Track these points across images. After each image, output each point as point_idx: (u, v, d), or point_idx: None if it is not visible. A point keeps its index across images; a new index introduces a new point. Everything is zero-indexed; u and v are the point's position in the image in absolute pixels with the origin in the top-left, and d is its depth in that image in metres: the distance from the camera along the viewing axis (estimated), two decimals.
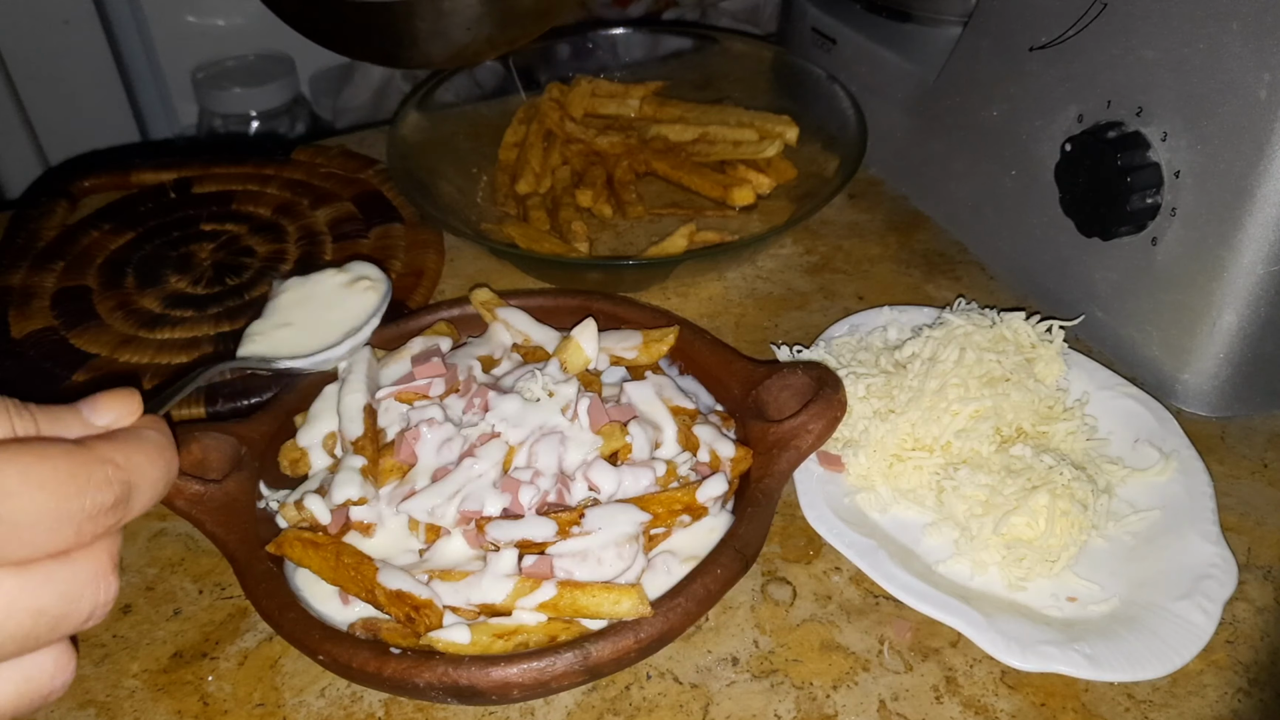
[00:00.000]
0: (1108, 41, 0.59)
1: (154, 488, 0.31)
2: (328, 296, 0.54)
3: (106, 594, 0.29)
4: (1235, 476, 0.57)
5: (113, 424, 0.32)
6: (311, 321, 0.52)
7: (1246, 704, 0.46)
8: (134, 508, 0.30)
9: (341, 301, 0.53)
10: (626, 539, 0.46)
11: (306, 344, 0.51)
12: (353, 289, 0.54)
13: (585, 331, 0.55)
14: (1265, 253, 0.54)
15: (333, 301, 0.53)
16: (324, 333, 0.52)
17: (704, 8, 1.28)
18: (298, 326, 0.52)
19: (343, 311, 0.53)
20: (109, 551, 0.29)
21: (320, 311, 0.53)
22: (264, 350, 0.51)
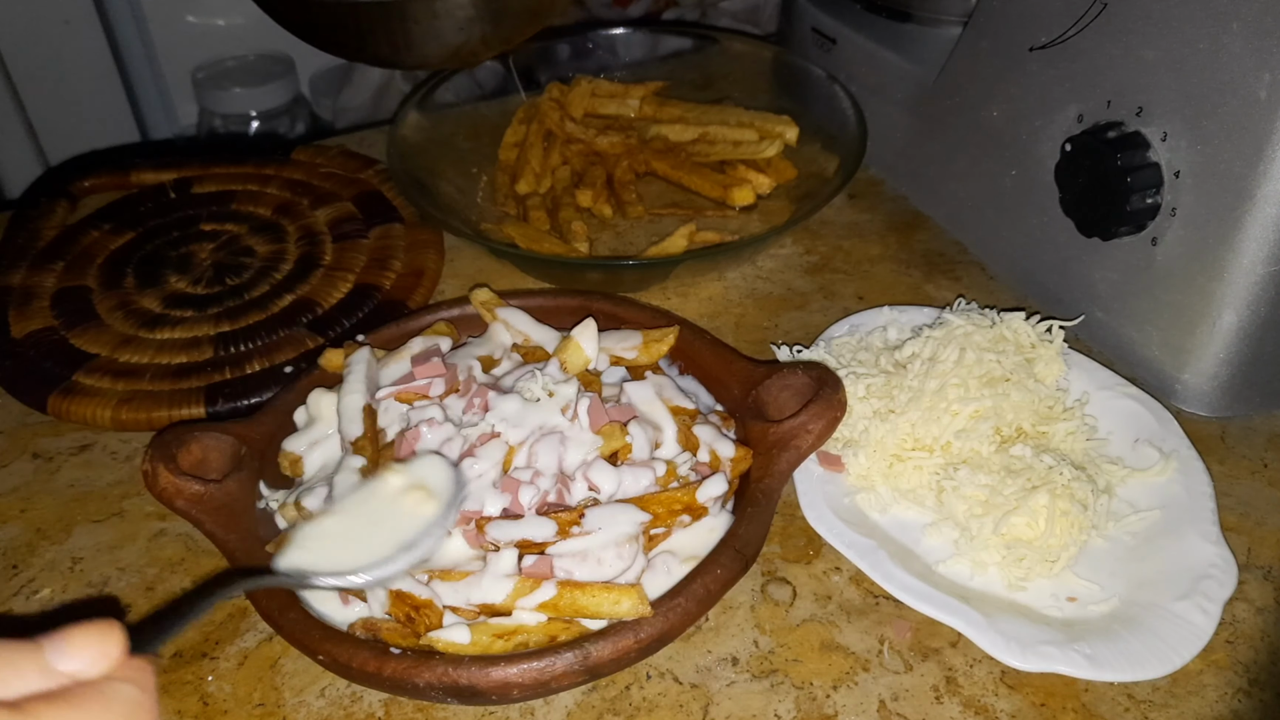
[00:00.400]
0: (1108, 41, 0.59)
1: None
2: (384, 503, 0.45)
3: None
4: (1235, 476, 0.57)
5: (79, 673, 0.25)
6: (361, 532, 0.44)
7: (1246, 704, 0.46)
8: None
9: (396, 510, 0.45)
10: (626, 539, 0.46)
11: (351, 559, 0.42)
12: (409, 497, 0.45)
13: (585, 331, 0.55)
14: (1265, 253, 0.54)
15: (387, 511, 0.45)
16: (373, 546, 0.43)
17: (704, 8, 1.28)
18: (345, 537, 0.44)
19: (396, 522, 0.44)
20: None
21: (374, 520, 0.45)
22: (304, 563, 0.43)
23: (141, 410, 0.61)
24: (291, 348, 0.66)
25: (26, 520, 0.56)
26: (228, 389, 0.62)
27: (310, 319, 0.69)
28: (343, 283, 0.71)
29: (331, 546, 0.43)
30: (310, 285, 0.71)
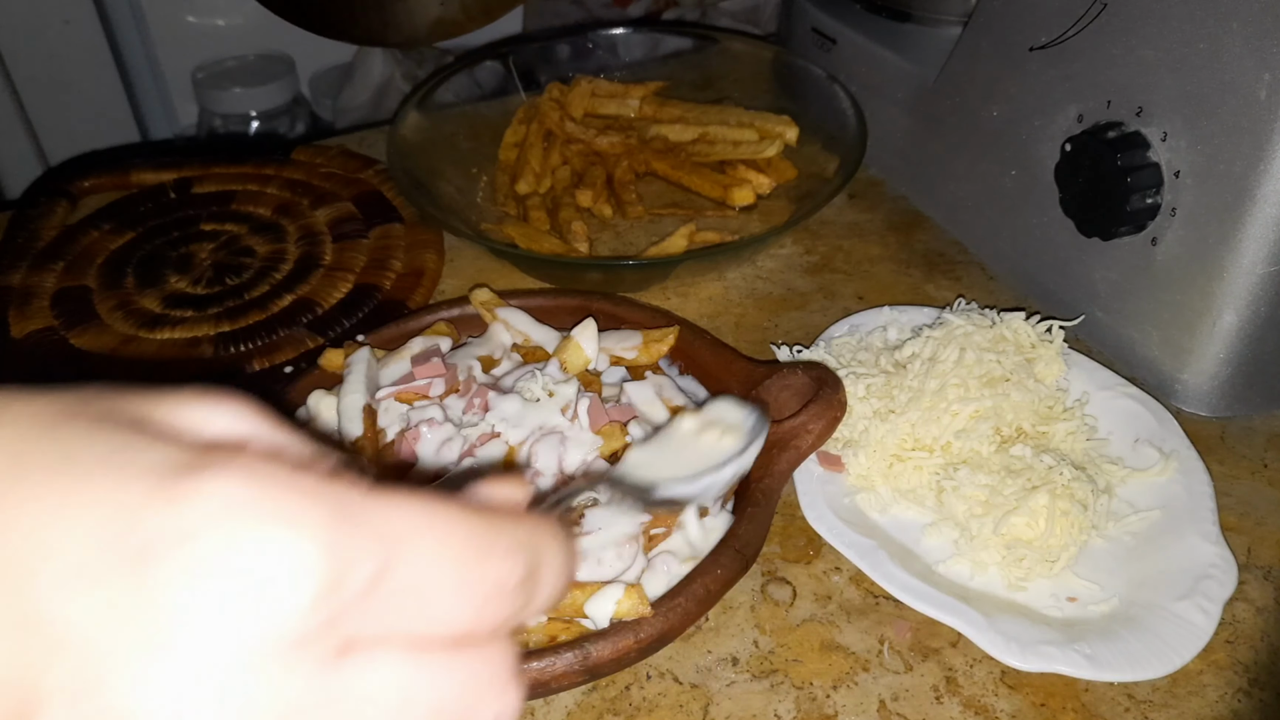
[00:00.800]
0: (1108, 41, 0.59)
1: (556, 578, 0.23)
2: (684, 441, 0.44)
3: (507, 706, 0.22)
4: (1235, 476, 0.57)
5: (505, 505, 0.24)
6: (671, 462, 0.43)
7: (1246, 704, 0.46)
8: (536, 597, 0.22)
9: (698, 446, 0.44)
10: (626, 539, 0.46)
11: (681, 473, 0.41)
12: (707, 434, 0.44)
13: (585, 331, 0.55)
14: (1265, 253, 0.54)
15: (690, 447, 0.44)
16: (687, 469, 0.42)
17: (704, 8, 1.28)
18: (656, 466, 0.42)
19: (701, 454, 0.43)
20: (510, 653, 0.22)
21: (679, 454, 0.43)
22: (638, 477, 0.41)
23: None
24: (291, 348, 0.66)
25: None
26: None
27: (310, 319, 0.69)
28: (343, 283, 0.72)
29: (648, 472, 0.41)
30: (310, 285, 0.71)
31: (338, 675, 0.19)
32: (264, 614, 0.18)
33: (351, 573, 0.18)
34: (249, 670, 0.18)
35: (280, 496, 0.18)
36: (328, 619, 0.18)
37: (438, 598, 0.20)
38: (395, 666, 0.19)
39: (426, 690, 0.20)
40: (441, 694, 0.20)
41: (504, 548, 0.21)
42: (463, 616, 0.21)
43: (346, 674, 0.19)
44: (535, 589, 0.22)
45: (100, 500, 0.18)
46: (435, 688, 0.20)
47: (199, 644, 0.17)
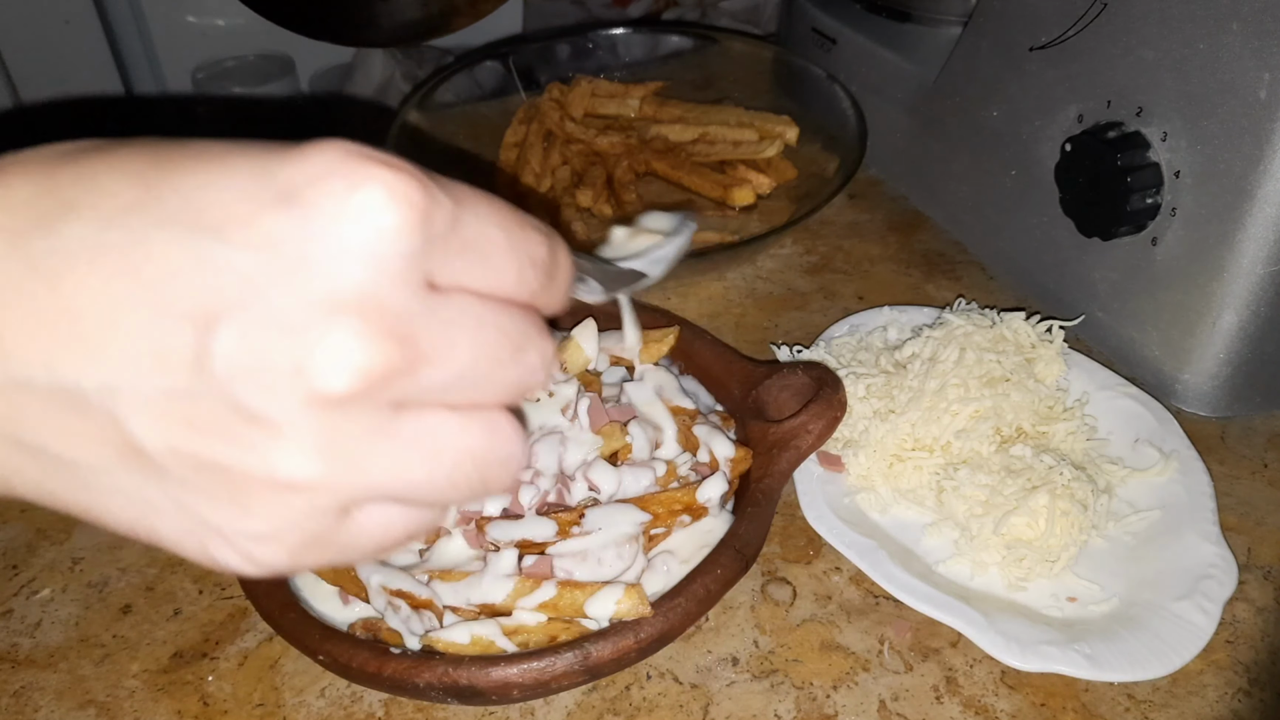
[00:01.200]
0: (1108, 41, 0.59)
1: (568, 277, 0.28)
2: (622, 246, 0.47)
3: (549, 350, 0.27)
4: (1235, 476, 0.57)
5: None
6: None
7: (1246, 704, 0.46)
8: (556, 281, 0.27)
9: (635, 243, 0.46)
10: (626, 539, 0.46)
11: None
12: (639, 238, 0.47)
13: (585, 331, 0.55)
14: (1265, 253, 0.54)
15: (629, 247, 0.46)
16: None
17: (704, 8, 1.28)
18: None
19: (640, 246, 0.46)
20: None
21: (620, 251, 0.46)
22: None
23: None
24: None
25: (27, 520, 0.57)
26: None
27: None
28: None
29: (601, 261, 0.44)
30: None
31: (431, 297, 0.24)
32: (383, 236, 0.23)
33: (436, 209, 0.24)
34: (380, 281, 0.23)
35: (376, 156, 0.23)
36: (424, 244, 0.23)
37: (492, 255, 0.25)
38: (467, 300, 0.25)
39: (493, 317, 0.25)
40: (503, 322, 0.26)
41: (534, 227, 0.27)
42: (509, 278, 0.26)
43: (437, 299, 0.24)
44: (556, 270, 0.27)
45: (238, 168, 0.23)
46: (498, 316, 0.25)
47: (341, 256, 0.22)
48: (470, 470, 0.26)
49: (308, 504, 0.24)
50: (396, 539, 0.27)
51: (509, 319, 0.26)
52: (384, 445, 0.24)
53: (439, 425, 0.25)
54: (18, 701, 0.47)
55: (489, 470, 0.26)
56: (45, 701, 0.47)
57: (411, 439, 0.24)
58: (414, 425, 0.24)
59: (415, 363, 0.23)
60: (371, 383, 0.23)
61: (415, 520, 0.27)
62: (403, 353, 0.23)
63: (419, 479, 0.25)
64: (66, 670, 0.49)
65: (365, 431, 0.23)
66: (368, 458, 0.24)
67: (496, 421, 0.26)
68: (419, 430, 0.24)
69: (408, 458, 0.24)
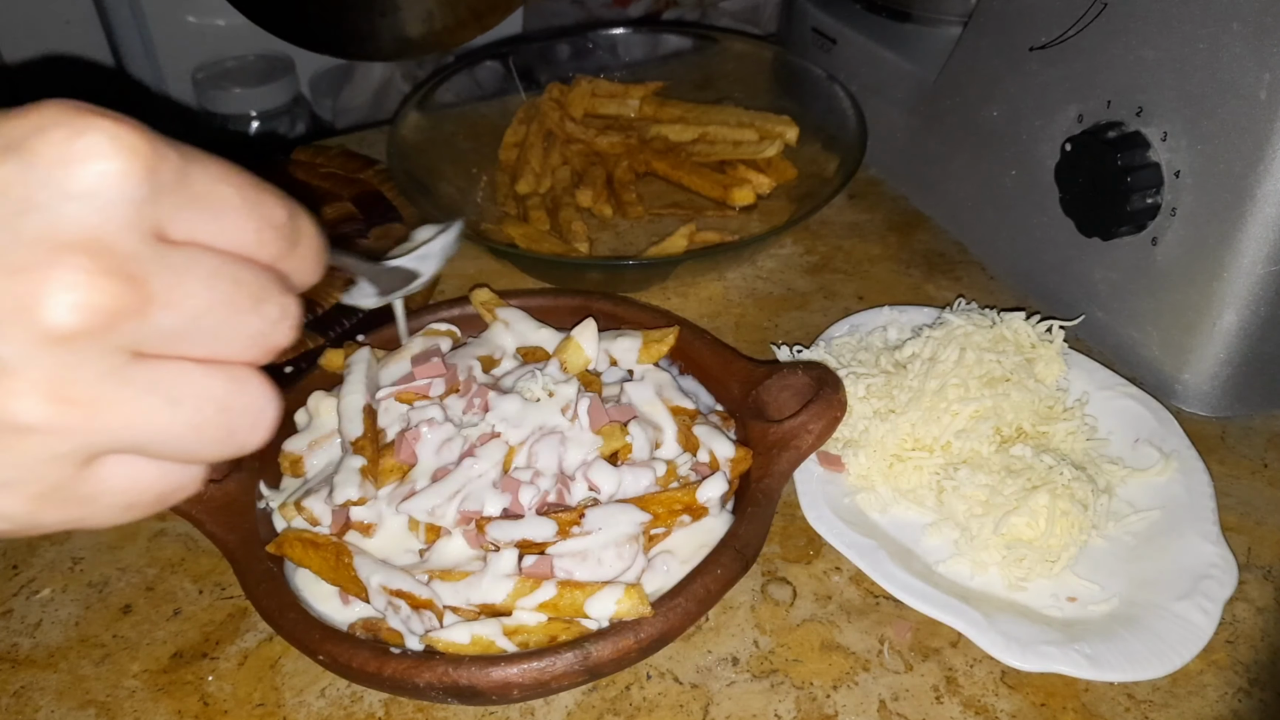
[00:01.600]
0: (1108, 41, 0.59)
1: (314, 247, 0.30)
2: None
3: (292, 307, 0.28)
4: (1235, 476, 0.57)
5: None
6: None
7: (1246, 704, 0.46)
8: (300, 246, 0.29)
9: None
10: (626, 539, 0.46)
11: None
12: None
13: (585, 331, 0.55)
14: (1265, 253, 0.54)
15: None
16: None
17: (704, 8, 1.28)
18: None
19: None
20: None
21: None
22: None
23: None
24: (291, 348, 0.66)
25: None
26: None
27: (310, 319, 0.68)
28: (343, 283, 0.71)
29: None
30: None
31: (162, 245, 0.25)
32: (106, 180, 0.23)
33: (161, 160, 0.24)
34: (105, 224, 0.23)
35: (99, 110, 0.24)
36: (150, 192, 0.24)
37: (225, 212, 0.26)
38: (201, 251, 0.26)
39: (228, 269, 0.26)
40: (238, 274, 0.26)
41: (272, 192, 0.28)
42: (246, 236, 0.27)
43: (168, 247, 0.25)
44: (298, 238, 0.28)
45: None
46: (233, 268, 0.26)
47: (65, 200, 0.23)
48: (214, 419, 0.26)
49: (43, 449, 0.24)
50: (146, 495, 0.27)
51: (247, 272, 0.26)
52: (121, 390, 0.24)
53: (179, 373, 0.25)
54: (18, 701, 0.47)
55: (234, 420, 0.27)
56: (45, 701, 0.47)
57: (149, 385, 0.25)
58: (152, 372, 0.25)
59: (145, 304, 0.24)
60: (100, 320, 0.23)
61: (165, 476, 0.27)
62: (131, 292, 0.23)
63: (159, 426, 0.25)
64: (66, 670, 0.49)
65: (99, 375, 0.24)
66: (103, 402, 0.24)
67: (242, 373, 0.27)
68: (157, 377, 0.25)
69: (146, 404, 0.25)
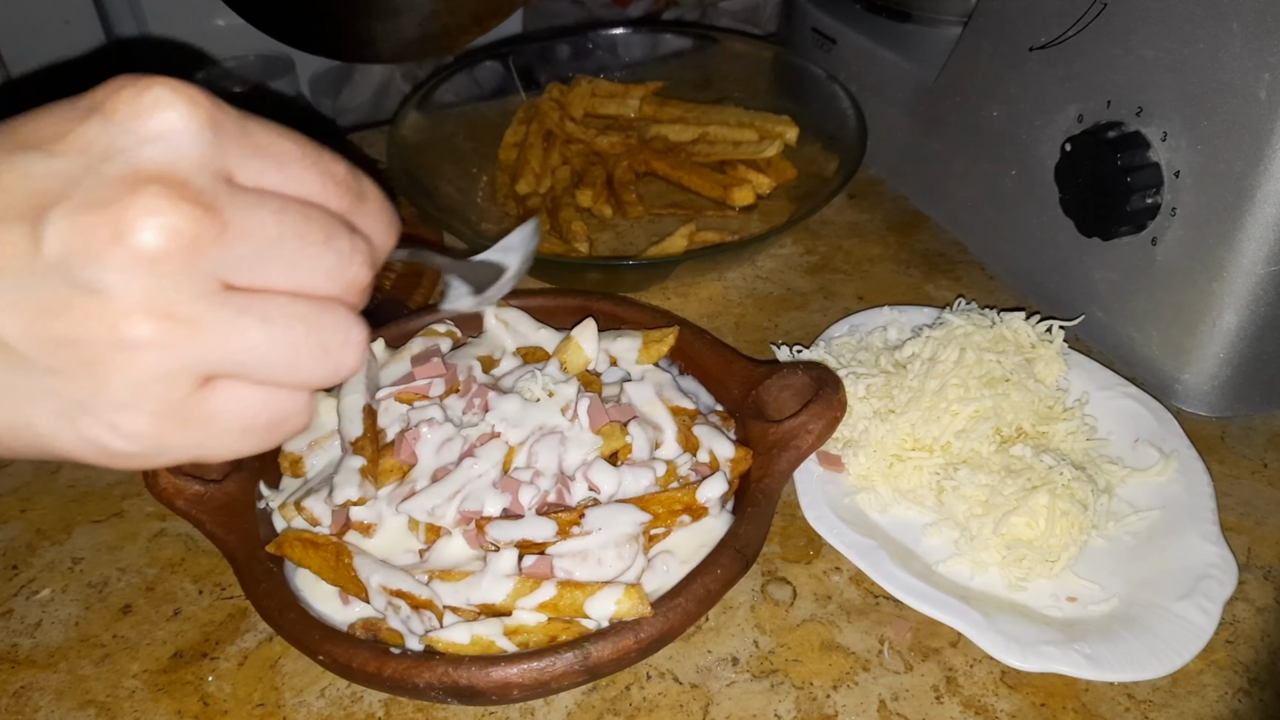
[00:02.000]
0: (1108, 41, 0.59)
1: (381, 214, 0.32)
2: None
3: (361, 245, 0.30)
4: (1235, 476, 0.57)
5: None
6: None
7: (1246, 704, 0.46)
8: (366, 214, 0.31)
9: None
10: (626, 539, 0.46)
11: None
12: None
13: (585, 331, 0.55)
14: (1265, 253, 0.54)
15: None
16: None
17: (704, 8, 1.28)
18: None
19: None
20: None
21: None
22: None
23: None
24: None
25: (27, 520, 0.57)
26: None
27: None
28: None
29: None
30: None
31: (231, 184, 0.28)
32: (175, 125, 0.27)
33: (223, 113, 0.28)
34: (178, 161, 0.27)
35: (162, 77, 0.28)
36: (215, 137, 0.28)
37: (288, 162, 0.29)
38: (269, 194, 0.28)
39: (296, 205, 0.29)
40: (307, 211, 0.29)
41: (330, 151, 0.30)
42: (310, 185, 0.29)
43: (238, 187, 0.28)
44: (363, 193, 0.31)
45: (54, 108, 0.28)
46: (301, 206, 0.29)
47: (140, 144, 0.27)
48: (306, 337, 0.28)
49: (155, 365, 0.27)
50: (259, 419, 0.29)
51: (314, 210, 0.29)
52: (216, 311, 0.27)
53: (267, 297, 0.28)
54: (18, 701, 0.47)
55: (326, 338, 0.29)
56: (45, 701, 0.47)
57: (240, 307, 0.27)
58: (243, 297, 0.28)
59: (221, 230, 0.27)
60: (183, 241, 0.26)
61: (273, 401, 0.30)
62: (208, 217, 0.26)
63: (255, 343, 0.28)
64: (66, 670, 0.49)
65: (194, 296, 0.27)
66: (203, 321, 0.27)
67: (330, 305, 0.29)
68: (248, 301, 0.28)
69: (241, 323, 0.27)
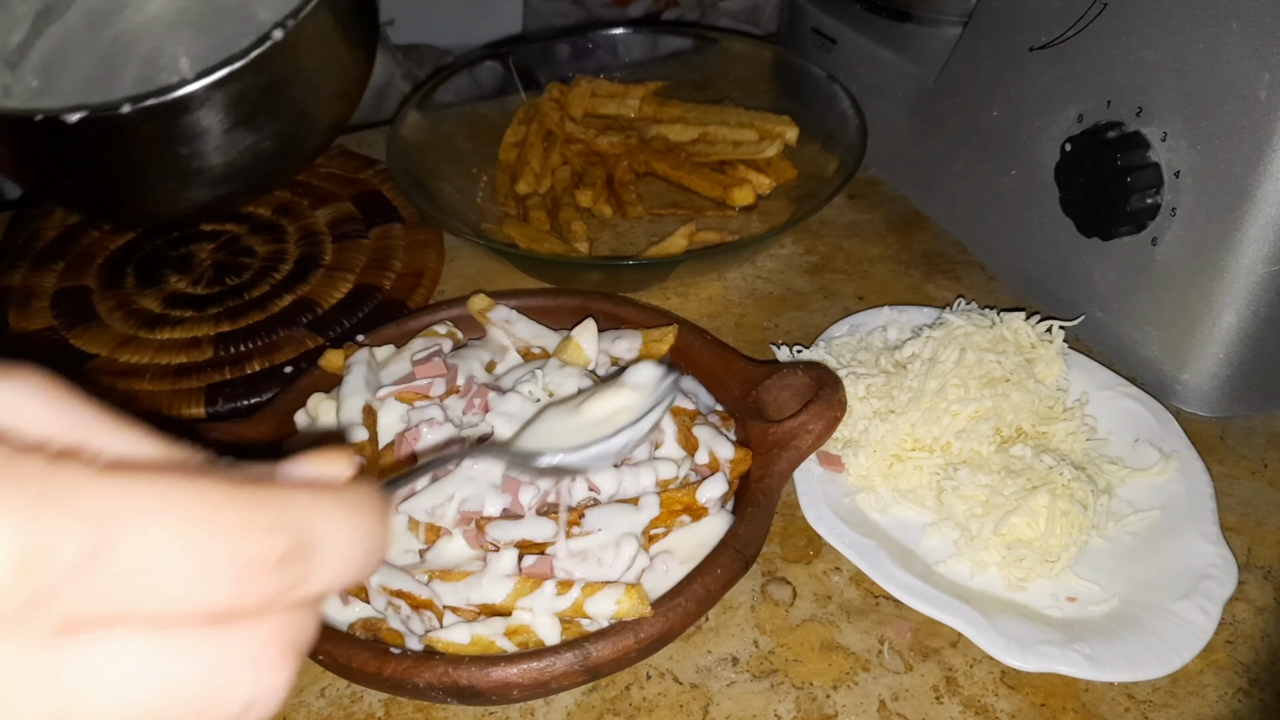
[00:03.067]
0: (1108, 41, 0.59)
1: (344, 553, 0.22)
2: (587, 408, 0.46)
3: (271, 682, 0.21)
4: (1235, 476, 0.57)
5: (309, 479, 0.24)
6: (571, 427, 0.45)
7: (1246, 704, 0.46)
8: (318, 575, 0.22)
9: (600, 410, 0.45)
10: (626, 539, 0.46)
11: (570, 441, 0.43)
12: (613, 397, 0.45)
13: (585, 331, 0.55)
14: (1265, 253, 0.54)
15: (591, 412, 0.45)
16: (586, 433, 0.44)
17: (704, 8, 1.28)
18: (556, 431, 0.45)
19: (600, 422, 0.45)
20: (285, 632, 0.22)
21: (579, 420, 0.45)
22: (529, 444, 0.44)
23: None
24: (291, 348, 0.66)
25: None
26: (227, 389, 0.62)
27: (310, 319, 0.69)
28: (343, 283, 0.72)
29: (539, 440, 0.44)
30: (310, 285, 0.71)
31: (56, 652, 0.19)
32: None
33: (54, 554, 0.18)
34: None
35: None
36: (30, 599, 0.18)
37: (175, 576, 0.19)
38: (125, 643, 0.19)
39: (158, 668, 0.20)
40: (180, 671, 0.20)
41: (260, 523, 0.21)
42: (214, 594, 0.20)
43: (67, 651, 0.19)
44: (310, 564, 0.22)
45: None
46: (170, 665, 0.20)
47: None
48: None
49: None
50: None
51: (194, 659, 0.20)
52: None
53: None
54: None
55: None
56: None
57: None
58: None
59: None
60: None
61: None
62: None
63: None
64: None
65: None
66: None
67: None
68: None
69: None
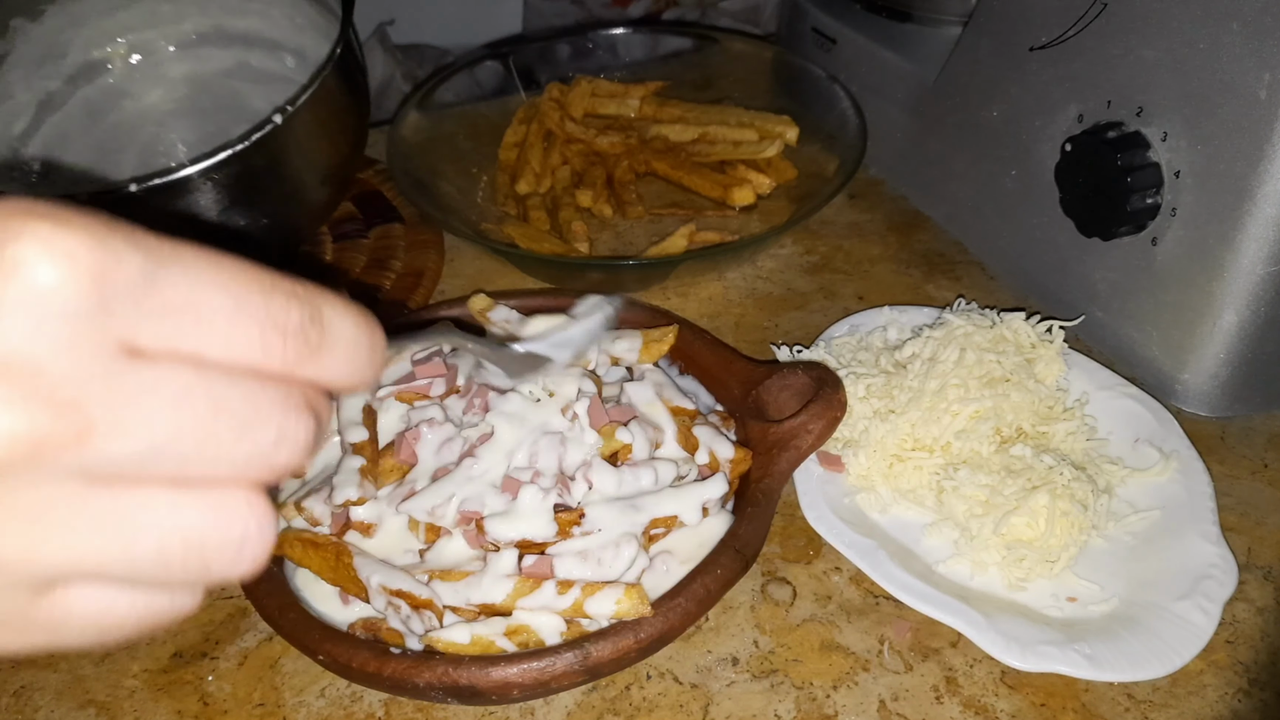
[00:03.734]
0: (1108, 41, 0.59)
1: (348, 344, 0.25)
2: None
3: (293, 427, 0.24)
4: (1235, 476, 0.57)
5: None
6: None
7: (1246, 704, 0.46)
8: (327, 357, 0.24)
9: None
10: (626, 539, 0.46)
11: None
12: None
13: None
14: (1265, 253, 0.54)
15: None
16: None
17: (704, 8, 1.28)
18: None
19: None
20: (303, 397, 0.24)
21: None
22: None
23: None
24: None
25: None
26: None
27: None
28: (343, 283, 0.72)
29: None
30: None
31: (119, 362, 0.21)
32: (39, 294, 0.20)
33: (116, 267, 0.21)
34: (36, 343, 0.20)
35: (39, 210, 0.20)
36: (99, 304, 0.21)
37: (214, 316, 0.22)
38: (177, 368, 0.22)
39: (207, 388, 0.22)
40: (224, 394, 0.23)
41: (283, 290, 0.23)
42: (245, 345, 0.23)
43: (129, 365, 0.21)
44: (322, 340, 0.24)
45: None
46: (217, 386, 0.22)
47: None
48: (182, 551, 0.23)
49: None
50: (122, 623, 0.24)
51: (235, 389, 0.23)
52: (67, 520, 0.22)
53: (141, 502, 0.23)
54: (18, 701, 0.47)
55: (210, 552, 0.24)
56: (45, 701, 0.47)
57: (99, 515, 0.22)
58: (107, 500, 0.22)
59: (82, 433, 0.21)
60: (23, 451, 0.21)
61: (140, 604, 0.24)
62: (62, 421, 0.21)
63: (114, 558, 0.23)
64: (66, 670, 0.49)
65: (37, 505, 0.22)
66: (46, 533, 0.22)
67: (225, 500, 0.24)
68: (112, 506, 0.22)
69: (96, 538, 0.22)
